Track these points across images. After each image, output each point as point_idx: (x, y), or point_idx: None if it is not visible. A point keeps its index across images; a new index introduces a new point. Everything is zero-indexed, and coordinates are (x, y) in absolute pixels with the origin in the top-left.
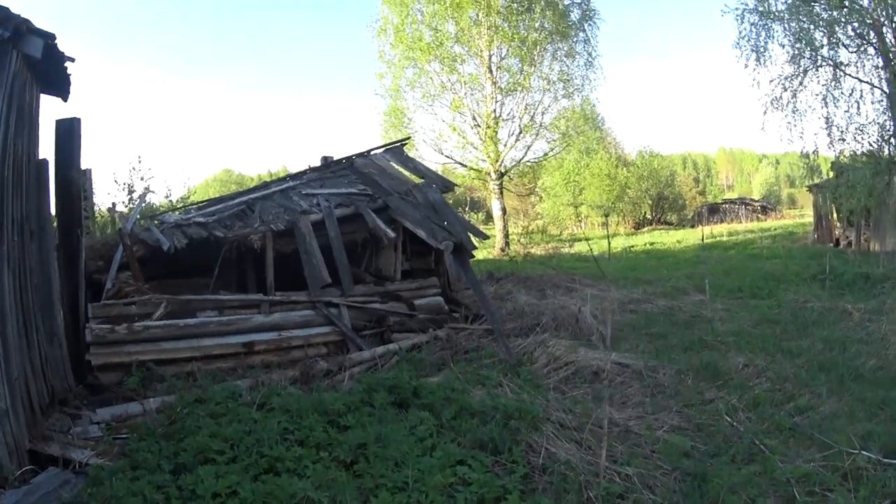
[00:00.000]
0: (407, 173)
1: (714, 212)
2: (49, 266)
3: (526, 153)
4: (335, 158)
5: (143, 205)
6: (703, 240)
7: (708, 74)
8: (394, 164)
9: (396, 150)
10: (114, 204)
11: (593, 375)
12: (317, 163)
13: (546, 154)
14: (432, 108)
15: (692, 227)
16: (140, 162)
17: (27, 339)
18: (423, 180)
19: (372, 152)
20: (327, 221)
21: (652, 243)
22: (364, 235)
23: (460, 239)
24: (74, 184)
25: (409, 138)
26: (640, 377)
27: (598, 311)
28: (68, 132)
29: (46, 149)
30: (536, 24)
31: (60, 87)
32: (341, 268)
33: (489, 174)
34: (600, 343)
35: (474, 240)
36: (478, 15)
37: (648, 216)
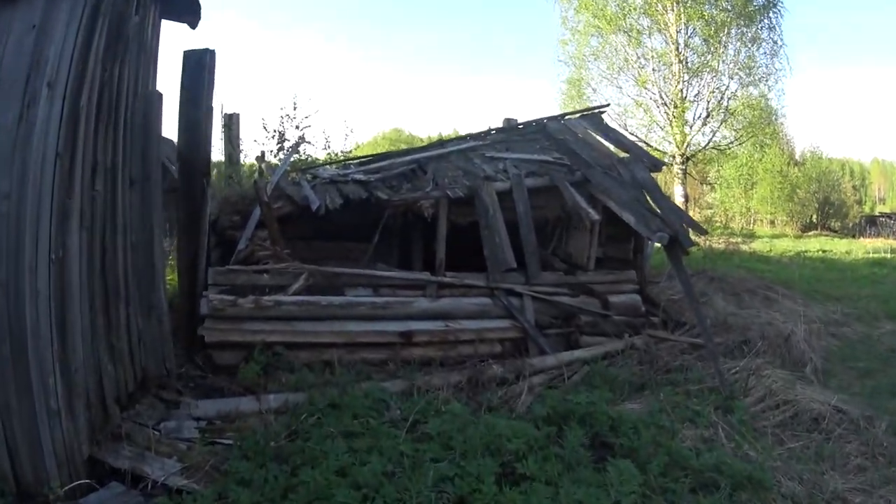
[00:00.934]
0: (608, 145)
1: (872, 224)
2: (152, 222)
3: (711, 139)
4: (522, 121)
5: (296, 155)
6: None
7: (871, 81)
8: (592, 133)
9: (594, 117)
10: (262, 153)
11: (812, 422)
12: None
13: (731, 143)
14: (617, 80)
15: (853, 236)
16: (295, 108)
17: (107, 317)
18: (627, 155)
19: (566, 117)
20: (515, 192)
21: (823, 251)
22: (556, 213)
23: (675, 231)
24: (201, 125)
25: (608, 105)
26: (857, 429)
27: (807, 333)
28: (197, 66)
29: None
30: (723, 4)
31: (187, 10)
32: (528, 250)
33: (673, 157)
34: (814, 377)
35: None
36: None
37: (813, 220)
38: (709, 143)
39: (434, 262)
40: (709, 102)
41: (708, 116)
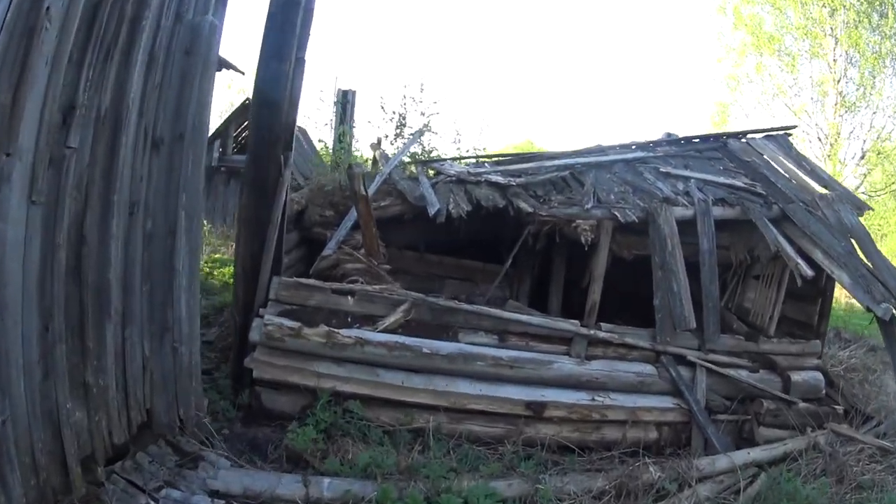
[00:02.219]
0: (802, 175)
1: None
2: (177, 203)
3: (861, 183)
4: (694, 135)
5: (417, 146)
6: None
7: None
8: (781, 158)
9: (782, 139)
10: (379, 139)
11: None
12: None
13: (881, 189)
14: (770, 107)
15: None
16: (422, 91)
17: (80, 342)
18: (825, 191)
19: (749, 136)
20: (700, 223)
21: None
22: (741, 256)
23: None
24: (283, 82)
25: (794, 126)
26: None
27: None
28: (285, 4)
29: None
30: (888, 31)
31: None
32: (708, 303)
33: None
34: None
35: None
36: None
37: None
38: (859, 186)
39: (584, 307)
40: (864, 142)
41: (863, 158)
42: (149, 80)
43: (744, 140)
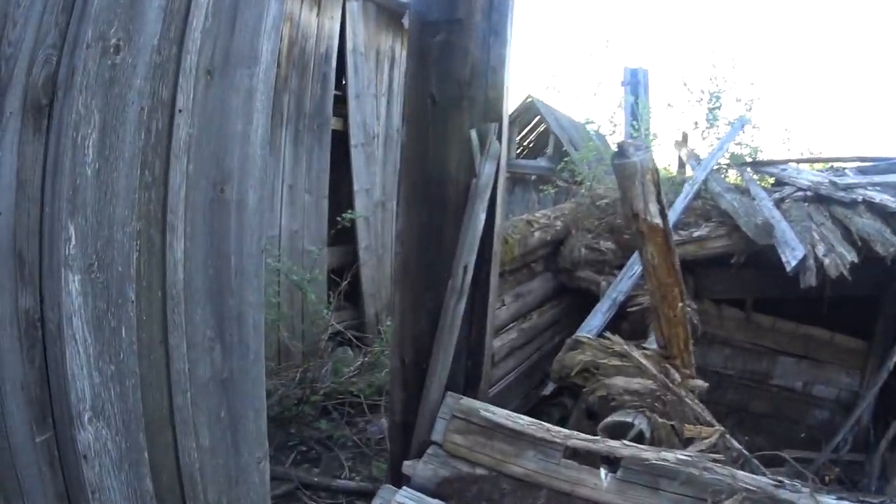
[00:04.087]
0: None
1: None
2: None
3: None
4: None
5: (736, 140)
6: None
7: None
8: None
9: None
10: (685, 134)
11: None
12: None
13: None
14: None
15: None
16: (734, 68)
17: None
18: None
19: None
20: None
21: None
22: None
23: None
24: None
25: None
26: None
27: None
28: None
29: None
30: None
31: None
32: None
33: None
34: None
35: None
36: None
37: None
38: None
39: None
40: None
41: None
42: None
43: None
